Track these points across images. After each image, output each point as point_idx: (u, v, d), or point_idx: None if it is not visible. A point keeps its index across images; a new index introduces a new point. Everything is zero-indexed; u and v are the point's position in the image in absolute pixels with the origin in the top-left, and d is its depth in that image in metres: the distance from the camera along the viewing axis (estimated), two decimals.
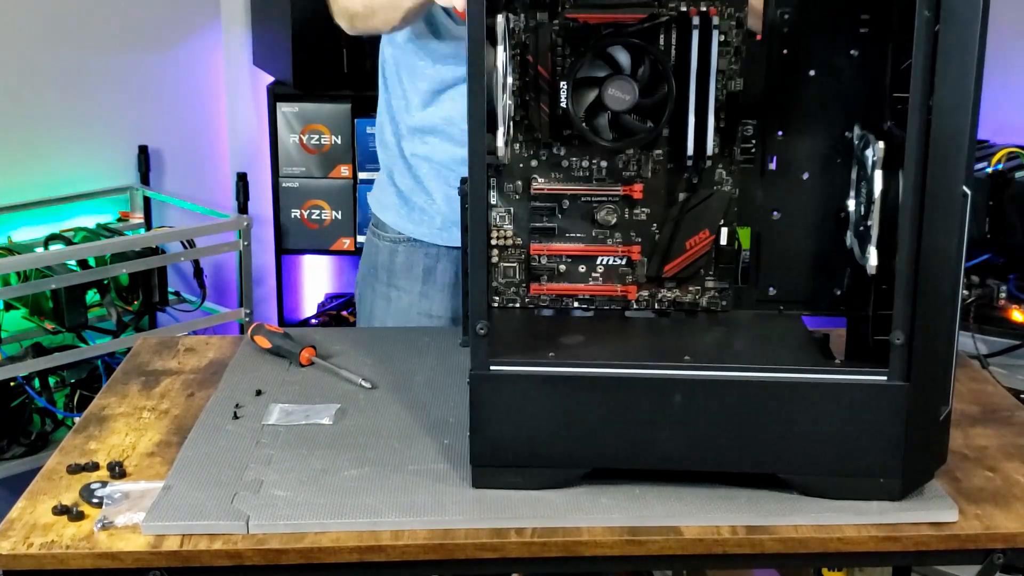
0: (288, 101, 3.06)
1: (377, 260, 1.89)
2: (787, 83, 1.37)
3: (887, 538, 1.23)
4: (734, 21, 1.35)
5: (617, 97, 1.29)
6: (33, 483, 1.33)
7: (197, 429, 1.43)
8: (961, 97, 1.15)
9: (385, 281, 1.88)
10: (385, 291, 1.88)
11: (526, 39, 1.33)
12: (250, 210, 3.01)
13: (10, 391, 2.62)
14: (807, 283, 1.43)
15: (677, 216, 1.40)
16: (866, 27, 1.33)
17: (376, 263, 1.89)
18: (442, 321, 1.86)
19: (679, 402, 1.25)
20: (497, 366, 1.25)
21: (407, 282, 1.86)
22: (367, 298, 1.92)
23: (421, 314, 1.85)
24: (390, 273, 1.87)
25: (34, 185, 3.00)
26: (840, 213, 1.39)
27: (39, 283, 2.62)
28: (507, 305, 1.44)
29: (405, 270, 1.86)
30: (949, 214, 1.18)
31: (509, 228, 1.41)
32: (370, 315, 1.91)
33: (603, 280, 1.43)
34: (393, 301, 1.87)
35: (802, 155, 1.39)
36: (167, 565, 1.19)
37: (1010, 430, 1.47)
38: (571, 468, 1.28)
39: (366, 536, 1.22)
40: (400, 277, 1.87)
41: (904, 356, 1.22)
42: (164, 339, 1.76)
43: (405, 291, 1.86)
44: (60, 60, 3.02)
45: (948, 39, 1.14)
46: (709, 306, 1.44)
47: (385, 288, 1.88)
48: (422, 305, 1.85)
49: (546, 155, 1.39)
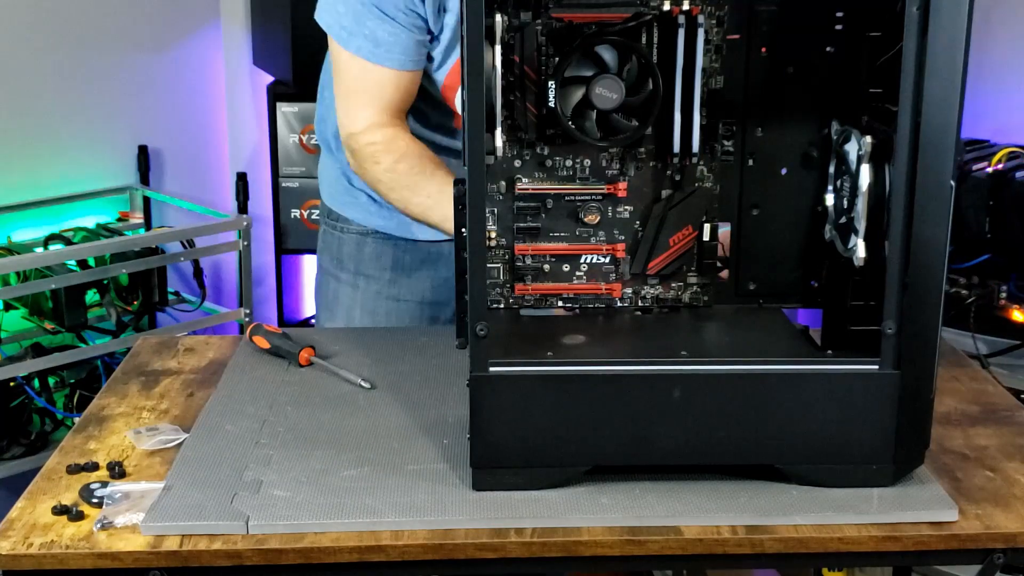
0: (288, 101, 3.06)
1: (342, 251, 1.91)
2: (765, 80, 1.39)
3: (887, 538, 1.23)
4: (715, 20, 1.37)
5: (604, 96, 1.30)
6: (33, 483, 1.33)
7: (196, 429, 1.43)
8: (949, 92, 1.18)
9: (352, 270, 1.91)
10: (352, 279, 1.91)
11: (510, 39, 1.34)
12: (250, 210, 3.00)
13: (10, 391, 2.62)
14: (785, 277, 1.46)
15: (660, 213, 1.41)
16: (841, 24, 1.36)
17: (341, 255, 1.91)
18: (409, 305, 1.90)
19: (678, 397, 1.26)
20: (496, 367, 1.25)
21: (376, 271, 1.89)
22: (329, 287, 1.94)
23: (389, 299, 1.89)
24: (357, 262, 1.90)
25: (34, 185, 3.00)
26: (818, 207, 1.41)
27: (39, 283, 2.62)
28: (491, 306, 1.44)
29: (374, 259, 1.89)
30: (938, 205, 1.20)
31: (493, 228, 1.41)
32: (334, 303, 1.92)
33: (587, 279, 1.43)
34: (361, 289, 1.90)
35: (780, 151, 1.42)
36: (167, 565, 1.19)
37: (1010, 430, 1.47)
38: (572, 467, 1.29)
39: (366, 536, 1.22)
40: (368, 266, 1.89)
41: (895, 345, 1.24)
42: (164, 339, 1.76)
43: (374, 279, 1.89)
44: (60, 60, 3.02)
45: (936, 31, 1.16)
46: (691, 302, 1.46)
47: (352, 277, 1.91)
48: (391, 291, 1.89)
49: (530, 155, 1.40)
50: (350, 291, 1.90)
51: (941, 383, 1.50)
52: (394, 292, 1.89)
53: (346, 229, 1.90)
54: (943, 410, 1.51)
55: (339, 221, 1.91)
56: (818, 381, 1.27)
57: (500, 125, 1.27)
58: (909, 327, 1.24)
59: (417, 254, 1.88)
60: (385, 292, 1.89)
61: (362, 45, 1.66)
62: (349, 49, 1.67)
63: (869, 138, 1.26)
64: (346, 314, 1.90)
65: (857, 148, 1.29)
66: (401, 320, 1.89)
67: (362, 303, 1.89)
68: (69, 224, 2.96)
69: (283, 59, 3.04)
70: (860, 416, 1.27)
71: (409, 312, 1.90)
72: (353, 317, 1.90)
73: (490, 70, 1.26)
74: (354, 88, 1.70)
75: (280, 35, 3.04)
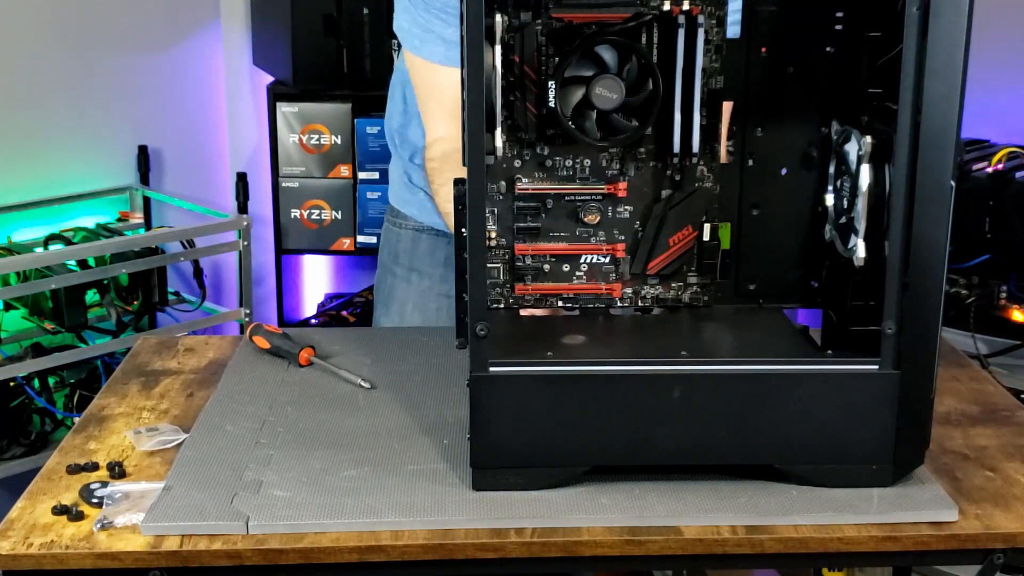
0: (288, 101, 3.06)
1: (398, 247, 1.94)
2: (766, 80, 1.39)
3: (887, 538, 1.23)
4: (715, 20, 1.37)
5: (605, 96, 1.30)
6: (33, 483, 1.33)
7: (196, 429, 1.43)
8: (949, 92, 1.18)
9: (407, 265, 1.93)
10: (406, 274, 1.93)
11: (511, 39, 1.34)
12: (250, 210, 3.01)
13: (10, 391, 2.63)
14: (785, 277, 1.46)
15: (660, 213, 1.41)
16: (841, 24, 1.36)
17: (397, 249, 1.94)
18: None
19: (678, 397, 1.26)
20: (496, 367, 1.25)
21: (429, 267, 1.91)
22: (386, 282, 1.96)
23: (440, 295, 1.91)
24: (412, 257, 1.92)
25: (34, 185, 3.01)
26: (818, 207, 1.41)
27: (39, 283, 2.62)
28: (492, 306, 1.45)
29: (427, 255, 1.91)
30: (938, 205, 1.20)
31: (493, 229, 1.41)
32: (389, 297, 1.95)
33: (587, 279, 1.43)
34: (414, 284, 1.92)
35: (780, 151, 1.42)
36: (167, 565, 1.19)
37: (1010, 430, 1.47)
38: (572, 467, 1.29)
39: (366, 536, 1.22)
40: (422, 262, 1.91)
41: (895, 345, 1.24)
42: (164, 339, 1.76)
43: (427, 275, 1.91)
44: (60, 60, 3.02)
45: (936, 32, 1.16)
46: (691, 302, 1.46)
47: (406, 272, 1.93)
48: (442, 287, 1.90)
49: (530, 155, 1.40)
50: (404, 286, 1.93)
51: (941, 383, 1.50)
52: (445, 289, 1.90)
53: (404, 225, 1.93)
54: (943, 410, 1.51)
55: (398, 217, 1.94)
56: (818, 381, 1.27)
57: (500, 125, 1.27)
58: (909, 327, 1.24)
59: None
60: (437, 288, 1.91)
61: (434, 51, 1.66)
62: (422, 55, 1.68)
63: (869, 138, 1.26)
64: (400, 308, 1.93)
65: (857, 148, 1.29)
66: (452, 317, 1.89)
67: (415, 299, 1.92)
68: (69, 224, 2.96)
69: (283, 59, 3.04)
70: (860, 416, 1.27)
71: None
72: (405, 312, 1.92)
73: (490, 70, 1.26)
74: (425, 97, 1.72)
75: (280, 35, 3.04)
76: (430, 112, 1.72)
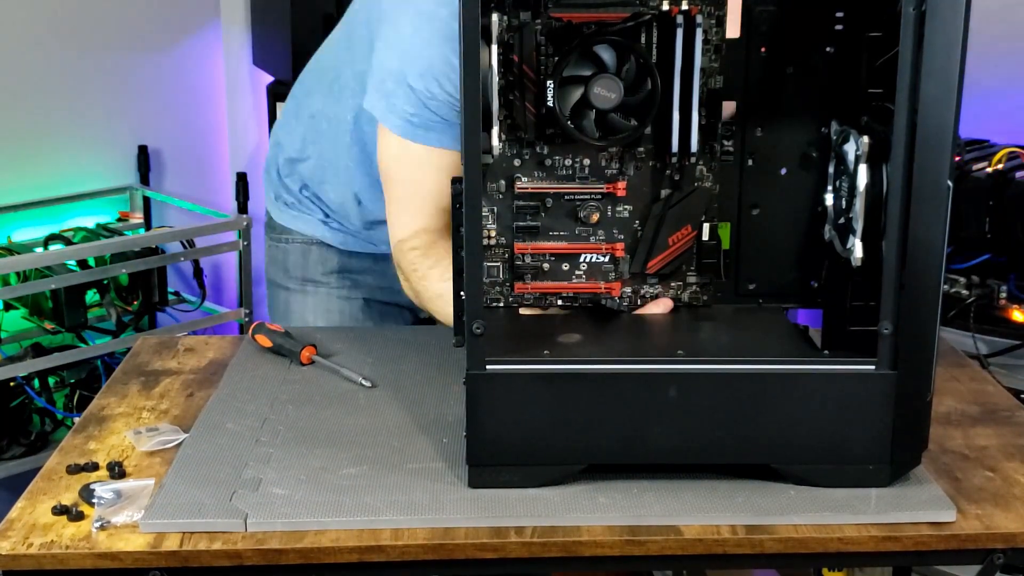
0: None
1: (288, 261, 1.94)
2: (765, 80, 1.39)
3: (887, 538, 1.23)
4: (714, 19, 1.37)
5: (603, 95, 1.30)
6: (33, 483, 1.32)
7: (197, 428, 1.43)
8: (945, 92, 1.18)
9: (299, 277, 1.94)
10: (300, 286, 1.94)
11: (510, 38, 1.34)
12: (250, 210, 3.00)
13: (10, 391, 2.63)
14: (785, 276, 1.46)
15: (660, 213, 1.41)
16: (841, 24, 1.36)
17: (287, 264, 1.94)
18: (357, 302, 1.93)
19: (674, 396, 1.26)
20: (493, 365, 1.25)
21: (323, 276, 1.92)
22: (280, 298, 1.97)
23: (340, 299, 1.93)
24: (304, 269, 1.93)
25: (34, 185, 3.01)
26: (817, 207, 1.41)
27: (39, 283, 2.62)
28: (491, 304, 1.45)
29: (319, 264, 1.92)
30: (935, 206, 1.20)
31: (492, 227, 1.42)
32: (287, 312, 1.95)
33: (587, 278, 1.43)
34: (311, 293, 1.93)
35: (780, 151, 1.42)
36: (166, 565, 1.19)
37: (1010, 430, 1.47)
38: (568, 465, 1.29)
39: (366, 536, 1.22)
40: (314, 271, 1.93)
41: (892, 345, 1.24)
42: (164, 339, 1.76)
43: (322, 283, 1.92)
44: (60, 60, 3.02)
45: (933, 32, 1.16)
46: (691, 301, 1.46)
47: (300, 283, 1.94)
48: (340, 292, 1.93)
49: (529, 154, 1.40)
50: (300, 297, 1.94)
51: (941, 383, 1.50)
52: (344, 293, 1.92)
53: (291, 240, 1.94)
54: (943, 410, 1.51)
55: (284, 233, 1.94)
56: (814, 381, 1.27)
57: (497, 124, 1.27)
58: (906, 327, 1.23)
59: (364, 261, 1.92)
60: (335, 293, 1.92)
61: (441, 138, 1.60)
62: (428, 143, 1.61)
63: (866, 138, 1.26)
64: (300, 319, 1.93)
65: (855, 148, 1.29)
66: (354, 318, 1.93)
67: (314, 307, 1.93)
68: (69, 224, 2.96)
69: (283, 59, 3.04)
70: (856, 416, 1.27)
71: (361, 308, 1.94)
72: (307, 322, 1.92)
73: (486, 69, 1.26)
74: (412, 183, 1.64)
75: (280, 35, 3.04)
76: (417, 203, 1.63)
